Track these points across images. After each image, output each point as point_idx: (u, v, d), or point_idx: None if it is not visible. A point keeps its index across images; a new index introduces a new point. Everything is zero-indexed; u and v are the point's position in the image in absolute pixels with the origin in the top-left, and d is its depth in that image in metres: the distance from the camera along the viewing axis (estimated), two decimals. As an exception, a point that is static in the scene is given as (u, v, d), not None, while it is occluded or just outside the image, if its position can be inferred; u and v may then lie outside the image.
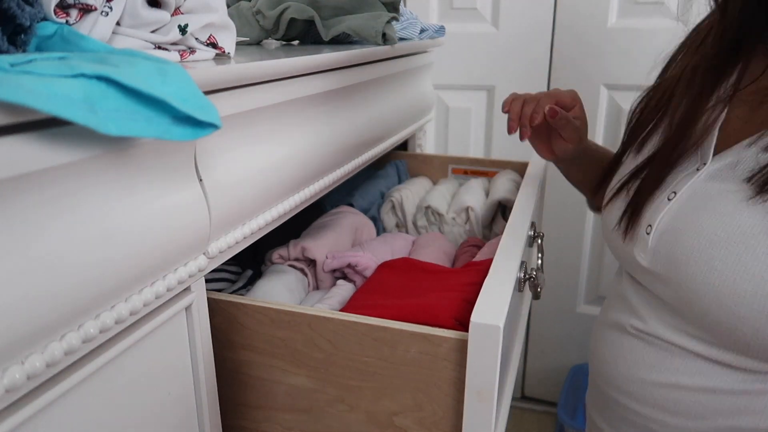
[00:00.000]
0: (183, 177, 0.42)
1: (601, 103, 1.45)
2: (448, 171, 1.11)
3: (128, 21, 0.43)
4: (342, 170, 0.69)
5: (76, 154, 0.32)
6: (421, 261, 0.73)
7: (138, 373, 0.41)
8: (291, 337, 0.52)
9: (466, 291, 0.59)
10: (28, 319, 0.30)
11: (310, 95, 0.60)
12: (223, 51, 0.50)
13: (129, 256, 0.36)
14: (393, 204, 0.96)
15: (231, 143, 0.48)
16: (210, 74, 0.43)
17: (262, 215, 0.53)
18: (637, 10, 1.36)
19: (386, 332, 0.49)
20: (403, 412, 0.51)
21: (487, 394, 0.44)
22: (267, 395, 0.56)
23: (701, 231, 0.51)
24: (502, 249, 0.54)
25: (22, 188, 0.29)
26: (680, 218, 0.54)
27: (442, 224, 0.92)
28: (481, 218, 0.91)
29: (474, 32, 1.51)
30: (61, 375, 0.34)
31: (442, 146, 1.64)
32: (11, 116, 0.27)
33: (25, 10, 0.33)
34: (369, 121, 0.77)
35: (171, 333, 0.45)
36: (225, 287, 0.72)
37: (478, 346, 0.43)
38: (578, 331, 1.65)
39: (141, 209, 0.37)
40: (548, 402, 1.77)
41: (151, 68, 0.33)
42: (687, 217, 0.53)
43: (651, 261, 0.56)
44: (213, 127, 0.35)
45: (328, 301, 0.66)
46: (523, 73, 1.49)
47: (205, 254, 0.46)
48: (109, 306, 0.36)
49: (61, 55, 0.32)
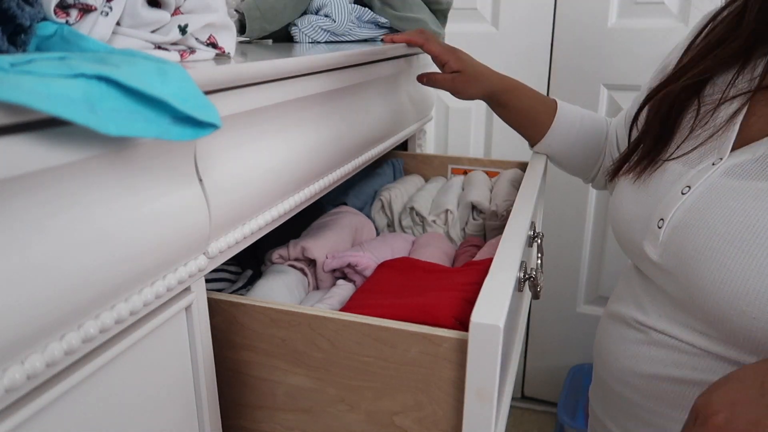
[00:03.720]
0: (183, 177, 0.42)
1: (601, 103, 1.45)
2: (447, 171, 1.11)
3: (128, 21, 0.43)
4: (342, 170, 0.69)
5: (76, 154, 0.32)
6: (420, 260, 0.73)
7: (138, 373, 0.41)
8: (291, 337, 0.52)
9: (466, 290, 0.59)
10: (28, 319, 0.30)
11: (310, 95, 0.60)
12: (223, 51, 0.50)
13: (129, 256, 0.36)
14: (382, 203, 0.97)
15: (231, 143, 0.48)
16: (210, 74, 0.43)
17: (262, 215, 0.53)
18: (637, 10, 1.36)
19: (386, 332, 0.49)
20: (404, 412, 0.51)
21: (487, 394, 0.44)
22: (267, 395, 0.56)
23: (714, 228, 0.50)
24: (502, 249, 0.54)
25: (22, 188, 0.29)
26: (693, 213, 0.53)
27: (425, 225, 0.93)
28: (458, 220, 0.92)
29: (474, 32, 1.51)
30: (61, 375, 0.34)
31: (442, 146, 1.64)
32: (11, 116, 0.27)
33: (25, 10, 0.33)
34: (369, 121, 0.77)
35: (171, 333, 0.45)
36: (225, 287, 0.72)
37: (478, 346, 0.43)
38: (578, 331, 1.65)
39: (141, 209, 0.37)
40: (548, 402, 1.76)
41: (151, 68, 0.33)
42: (700, 212, 0.52)
43: (661, 255, 0.55)
44: (213, 127, 0.35)
45: (328, 301, 0.66)
46: (523, 73, 1.49)
47: (205, 254, 0.46)
48: (109, 306, 0.36)
49: (61, 55, 0.32)
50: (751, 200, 0.49)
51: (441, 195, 0.97)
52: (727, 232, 0.49)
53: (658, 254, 0.55)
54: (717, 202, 0.51)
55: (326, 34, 0.88)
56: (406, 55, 0.93)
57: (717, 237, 0.50)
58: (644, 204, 0.59)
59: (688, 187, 0.55)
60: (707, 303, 0.50)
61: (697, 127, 0.58)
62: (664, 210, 0.56)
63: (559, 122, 0.81)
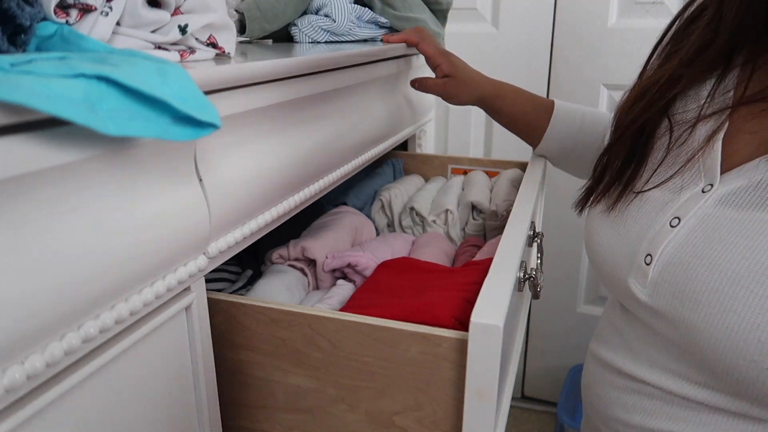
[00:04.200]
0: (183, 177, 0.42)
1: (601, 103, 1.45)
2: (447, 171, 1.11)
3: (128, 21, 0.43)
4: (342, 170, 0.69)
5: (76, 154, 0.32)
6: (420, 260, 0.73)
7: (138, 373, 0.41)
8: (291, 337, 0.52)
9: (466, 290, 0.59)
10: (28, 319, 0.30)
11: (309, 95, 0.60)
12: (223, 51, 0.50)
13: (129, 255, 0.36)
14: (382, 203, 0.97)
15: (231, 143, 0.48)
16: (210, 74, 0.43)
17: (262, 215, 0.53)
18: (637, 10, 1.36)
19: (386, 332, 0.49)
20: (404, 412, 0.51)
21: (487, 394, 0.44)
22: (267, 395, 0.56)
23: (717, 266, 0.44)
24: (501, 249, 0.54)
25: (22, 188, 0.29)
26: (688, 249, 0.47)
27: (425, 226, 0.93)
28: (458, 220, 0.92)
29: (474, 32, 1.51)
30: (61, 375, 0.34)
31: (442, 146, 1.64)
32: (11, 116, 0.27)
33: (25, 10, 0.33)
34: (369, 121, 0.77)
35: (171, 333, 0.45)
36: (225, 287, 0.72)
37: (478, 346, 0.43)
38: (578, 331, 1.65)
39: (141, 209, 0.37)
40: (548, 402, 1.77)
41: (151, 68, 0.33)
42: (697, 248, 0.46)
43: (651, 296, 0.49)
44: (213, 127, 0.35)
45: (328, 301, 0.66)
46: (523, 73, 1.49)
47: (205, 254, 0.46)
48: (109, 306, 0.36)
49: (61, 55, 0.32)
50: (756, 234, 0.43)
51: (441, 195, 0.97)
52: (733, 271, 0.43)
53: (647, 294, 0.49)
54: (716, 236, 0.45)
55: (326, 34, 0.89)
56: (406, 56, 0.93)
57: (722, 277, 0.44)
58: (625, 237, 0.53)
59: (678, 219, 0.49)
60: (710, 352, 0.44)
61: (672, 149, 0.52)
62: (650, 245, 0.50)
63: (555, 125, 0.80)
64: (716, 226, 0.46)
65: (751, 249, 0.43)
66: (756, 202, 0.45)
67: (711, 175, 0.48)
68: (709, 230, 0.46)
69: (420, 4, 0.97)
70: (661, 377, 0.50)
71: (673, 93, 0.53)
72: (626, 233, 0.53)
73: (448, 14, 1.04)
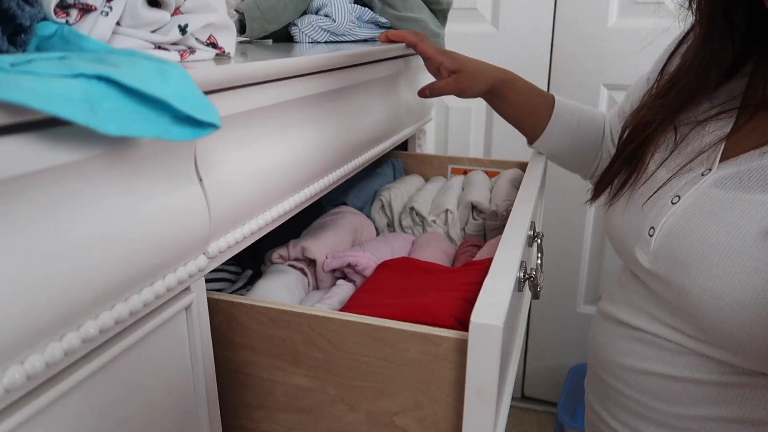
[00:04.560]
0: (183, 177, 0.42)
1: (601, 103, 1.45)
2: (447, 171, 1.11)
3: (128, 21, 0.43)
4: (341, 170, 0.69)
5: (76, 154, 0.32)
6: (420, 260, 0.73)
7: (138, 373, 0.41)
8: (291, 337, 0.52)
9: (466, 290, 0.59)
10: (28, 318, 0.30)
11: (310, 95, 0.60)
12: (223, 51, 0.50)
13: (129, 255, 0.36)
14: (382, 203, 0.97)
15: (231, 143, 0.48)
16: (210, 74, 0.43)
17: (262, 215, 0.53)
18: (637, 10, 1.36)
19: (386, 332, 0.49)
20: (403, 412, 0.51)
21: (487, 394, 0.44)
22: (267, 395, 0.56)
23: (704, 237, 0.52)
24: (501, 249, 0.54)
25: (22, 188, 0.29)
26: (684, 222, 0.54)
27: (425, 226, 0.92)
28: (458, 220, 0.92)
29: (474, 32, 1.51)
30: (61, 375, 0.34)
31: (442, 146, 1.64)
32: (11, 116, 0.27)
33: (25, 10, 0.33)
34: (369, 121, 0.77)
35: (171, 333, 0.45)
36: (225, 287, 0.72)
37: (477, 346, 0.43)
38: (578, 331, 1.65)
39: (141, 209, 0.37)
40: (548, 402, 1.77)
41: (151, 68, 0.33)
42: (691, 222, 0.54)
43: (652, 262, 0.57)
44: (213, 127, 0.35)
45: (328, 301, 0.66)
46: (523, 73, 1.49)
47: (205, 254, 0.46)
48: (109, 306, 0.36)
49: (61, 55, 0.32)
50: (739, 212, 0.50)
51: (441, 195, 0.97)
52: (717, 242, 0.50)
53: (649, 261, 0.57)
54: (708, 212, 0.53)
55: (326, 34, 0.89)
56: (406, 55, 0.93)
57: (707, 246, 0.51)
58: (635, 213, 0.61)
59: (678, 197, 0.56)
60: (696, 309, 0.52)
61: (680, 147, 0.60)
62: (654, 219, 0.57)
63: (558, 116, 0.81)
64: (708, 204, 0.53)
65: (734, 224, 0.50)
66: (744, 185, 0.52)
67: (711, 162, 0.56)
68: (701, 207, 0.54)
69: (420, 4, 0.97)
70: (658, 328, 0.58)
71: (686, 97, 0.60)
72: (636, 209, 0.61)
73: (448, 14, 1.04)
